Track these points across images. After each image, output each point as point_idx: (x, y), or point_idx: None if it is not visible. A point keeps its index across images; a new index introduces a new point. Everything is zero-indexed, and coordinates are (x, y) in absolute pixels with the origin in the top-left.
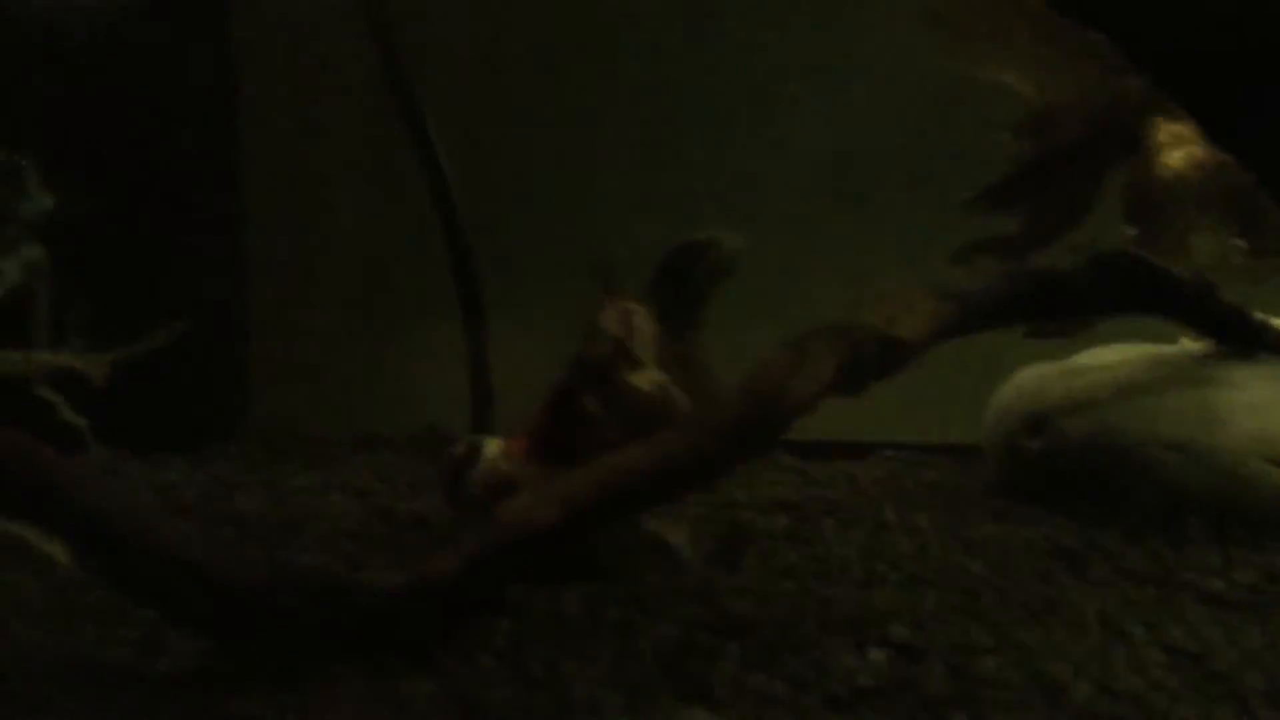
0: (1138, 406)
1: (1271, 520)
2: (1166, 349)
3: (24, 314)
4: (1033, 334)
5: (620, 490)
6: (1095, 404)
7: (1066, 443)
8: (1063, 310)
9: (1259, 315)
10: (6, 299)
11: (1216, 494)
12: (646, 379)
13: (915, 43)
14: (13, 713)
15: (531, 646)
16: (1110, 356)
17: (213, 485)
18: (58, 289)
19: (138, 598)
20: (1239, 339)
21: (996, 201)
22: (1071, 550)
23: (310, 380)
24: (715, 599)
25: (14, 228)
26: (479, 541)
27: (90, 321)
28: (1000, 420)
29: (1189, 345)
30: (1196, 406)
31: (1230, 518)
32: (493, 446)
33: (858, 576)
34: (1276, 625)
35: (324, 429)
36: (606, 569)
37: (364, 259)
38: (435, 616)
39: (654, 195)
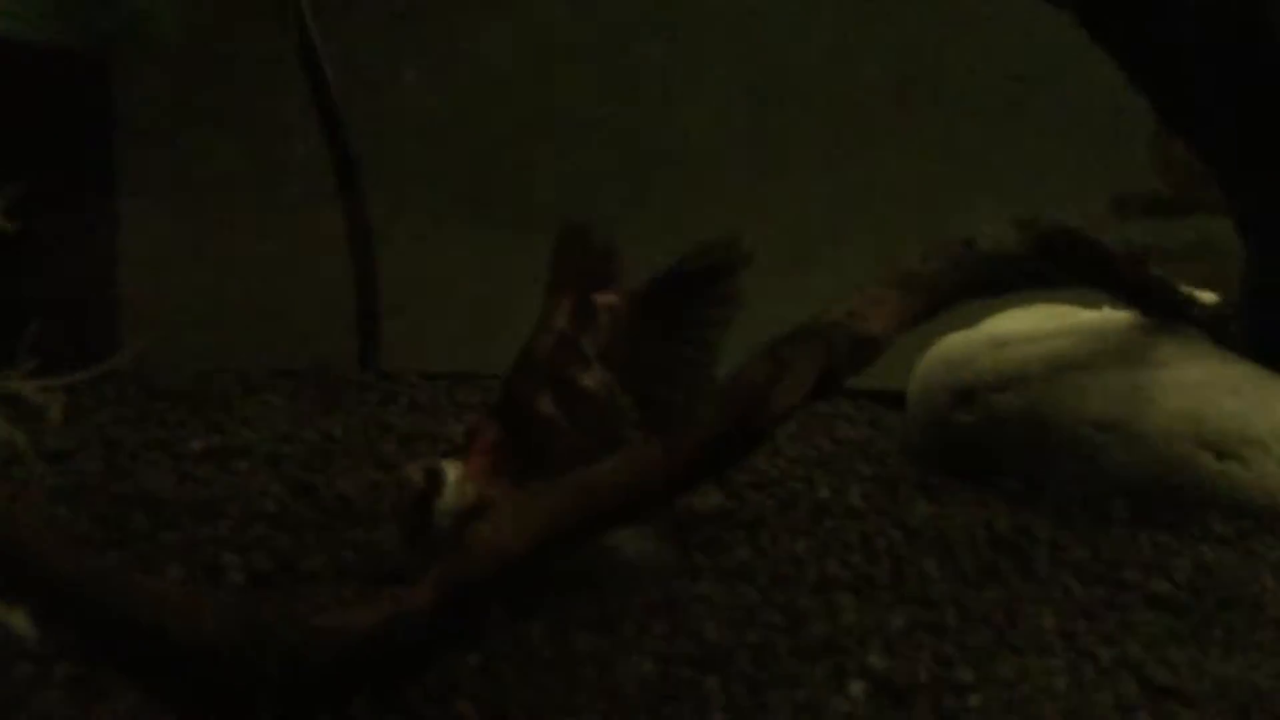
0: (1068, 383)
1: (1195, 503)
2: (1086, 314)
3: None
4: None
5: (594, 510)
6: (1025, 379)
7: (996, 418)
8: (1010, 286)
9: (1185, 288)
10: None
11: (1144, 476)
12: (592, 377)
13: None
14: None
15: (507, 688)
16: (1030, 321)
17: (109, 451)
18: None
19: (103, 660)
20: (1165, 310)
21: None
22: (1009, 540)
23: (184, 314)
24: (683, 619)
25: None
26: (450, 572)
27: None
28: (927, 390)
29: (1110, 311)
30: (1127, 385)
31: (1156, 500)
32: (453, 470)
33: (813, 579)
34: (1224, 636)
35: (198, 365)
36: (563, 584)
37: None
38: (408, 654)
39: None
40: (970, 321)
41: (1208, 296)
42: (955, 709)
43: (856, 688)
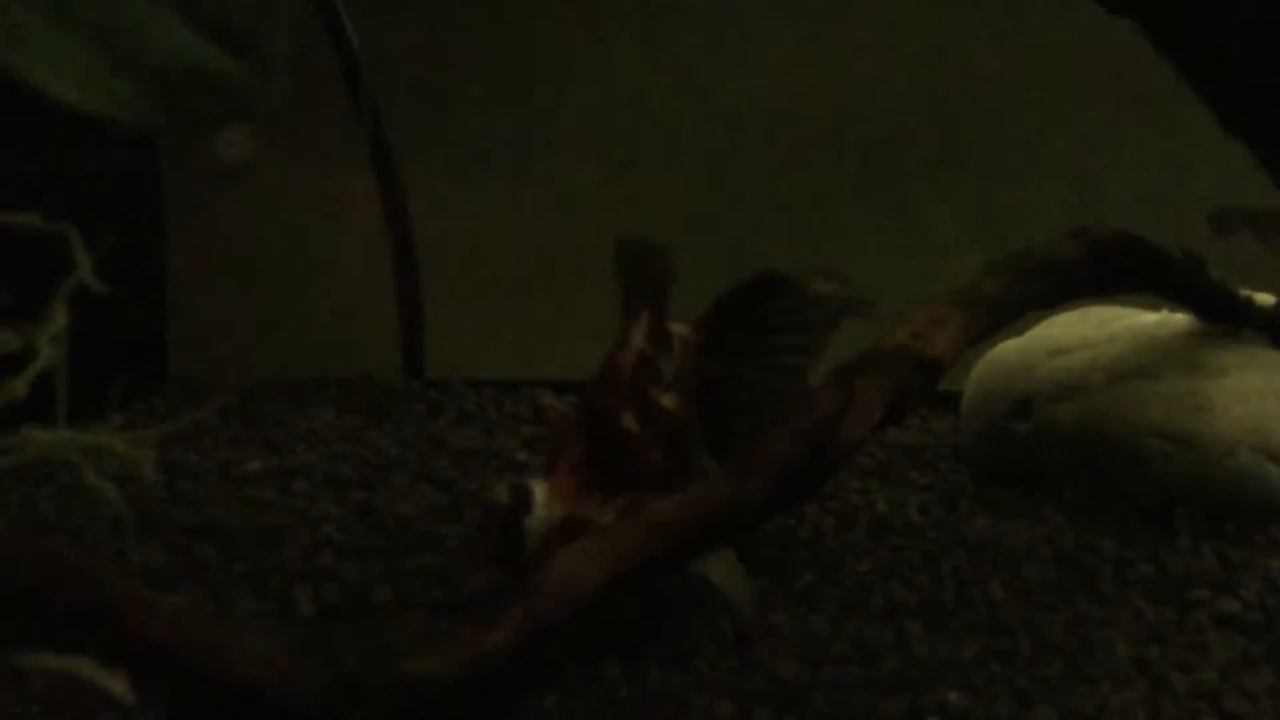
0: (1127, 392)
1: (1259, 513)
2: (1144, 316)
3: None
4: None
5: (667, 547)
6: (1083, 388)
7: (1055, 428)
8: (1069, 295)
9: (1245, 293)
10: None
11: (1206, 487)
12: (670, 399)
13: None
14: None
15: None
16: (1084, 327)
17: (169, 476)
18: None
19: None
20: (1225, 317)
21: None
22: (1073, 557)
23: (232, 327)
24: (756, 654)
25: None
26: (528, 612)
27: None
28: (983, 399)
29: (1170, 315)
30: (1187, 393)
31: (1219, 512)
32: (540, 489)
33: (880, 605)
34: None
35: (245, 379)
36: (644, 612)
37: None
38: (489, 699)
39: None
40: (1021, 326)
41: (1267, 299)
42: None
43: None
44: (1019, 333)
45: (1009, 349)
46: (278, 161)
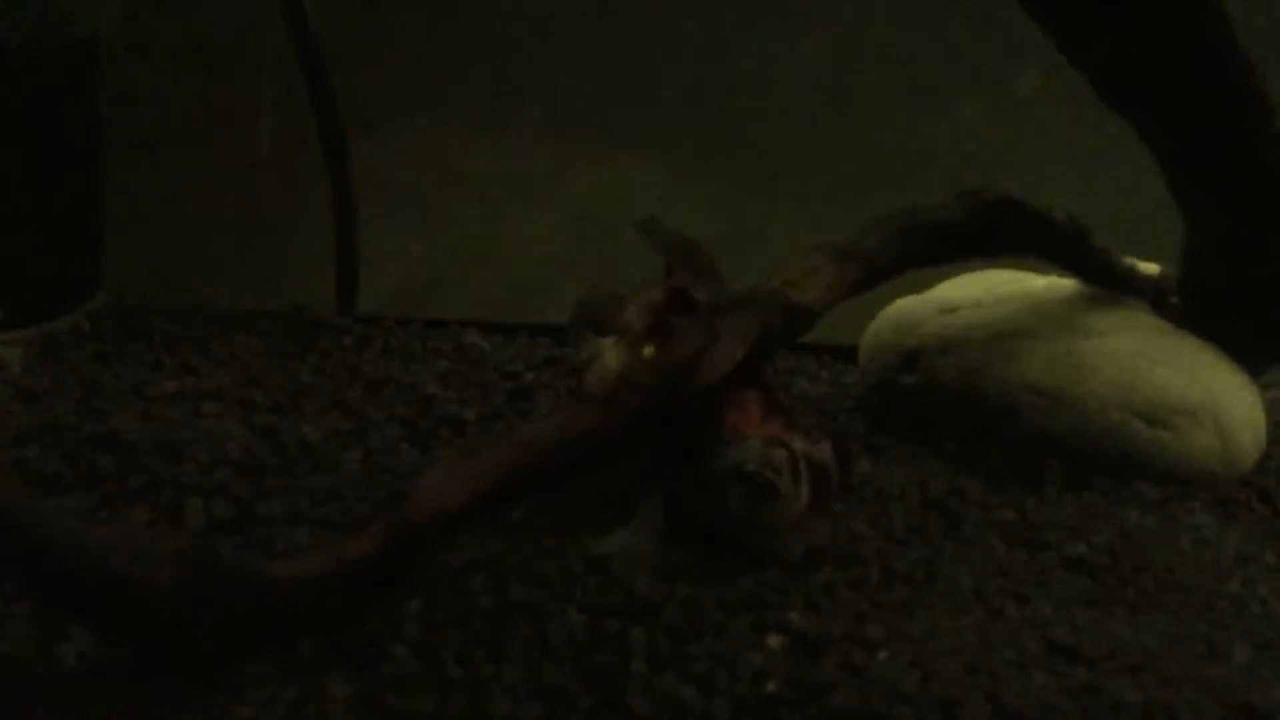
0: (1007, 349)
1: (1124, 468)
2: (1035, 280)
3: None
4: None
5: (533, 468)
6: (967, 344)
7: (938, 381)
8: (952, 256)
9: (1128, 260)
10: None
11: (1077, 441)
12: None
13: None
14: None
15: (443, 635)
16: (978, 288)
17: (84, 392)
18: None
19: (59, 608)
20: (1107, 281)
21: None
22: (941, 501)
23: (169, 252)
24: (617, 574)
25: None
26: (393, 524)
27: None
28: (876, 352)
29: (1057, 280)
30: (1064, 353)
31: (1089, 465)
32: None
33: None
34: (1133, 599)
35: (179, 303)
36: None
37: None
38: (352, 602)
39: None
40: (924, 286)
41: (1150, 268)
42: (862, 663)
43: (774, 641)
44: (919, 292)
45: (902, 306)
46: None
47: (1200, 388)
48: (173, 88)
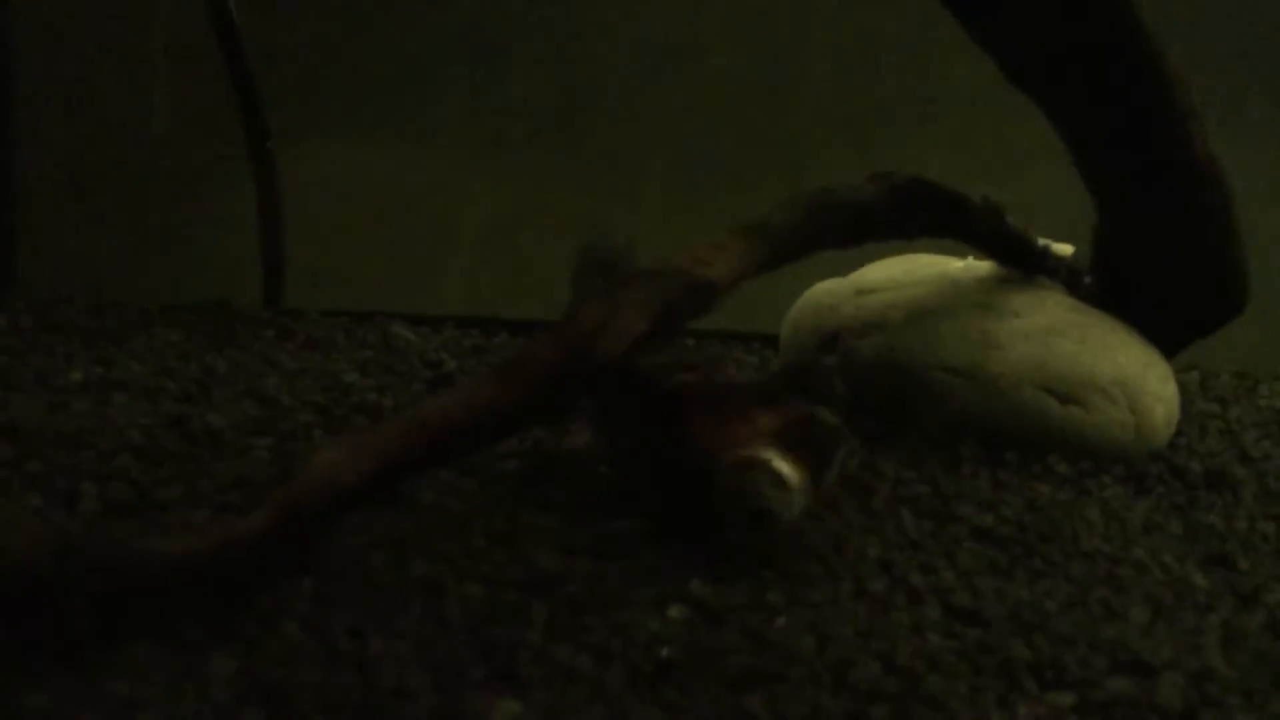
0: (924, 330)
1: (1038, 444)
2: (952, 263)
3: None
4: None
5: (428, 444)
6: (884, 325)
7: (857, 361)
8: (866, 235)
9: (1043, 242)
10: None
11: (993, 418)
12: None
13: None
14: None
15: (336, 610)
16: (896, 270)
17: None
18: None
19: None
20: (1023, 263)
21: None
22: (855, 477)
23: (88, 247)
24: (520, 548)
25: None
26: (283, 500)
27: None
28: (796, 334)
29: (974, 262)
30: (977, 332)
31: (1004, 442)
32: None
33: (657, 509)
34: (1038, 566)
35: (101, 300)
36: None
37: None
38: (237, 580)
39: None
40: (844, 270)
41: (1064, 249)
42: (760, 628)
43: (675, 611)
44: (843, 275)
45: (822, 289)
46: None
47: (1112, 365)
48: (91, 83)
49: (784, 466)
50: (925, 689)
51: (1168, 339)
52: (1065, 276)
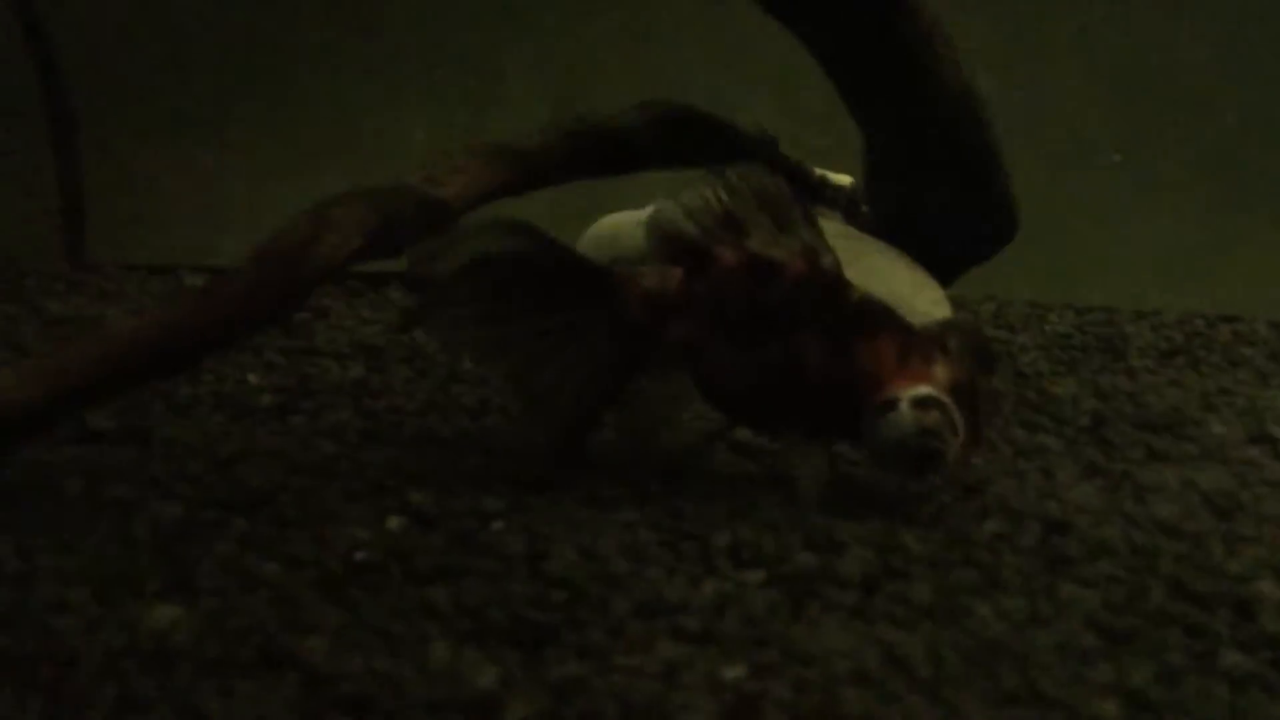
0: None
1: None
2: None
3: None
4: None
5: (119, 365)
6: None
7: None
8: (625, 166)
9: (820, 172)
10: None
11: None
12: None
13: None
14: None
15: (8, 533)
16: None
17: None
18: None
19: None
20: (800, 192)
21: None
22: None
23: None
24: (239, 471)
25: None
26: None
27: None
28: None
29: None
30: None
31: None
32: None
33: (408, 435)
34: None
35: None
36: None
37: None
38: None
39: None
40: (637, 204)
41: (843, 179)
42: (473, 532)
43: (393, 522)
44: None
45: (607, 222)
46: None
47: (883, 287)
48: None
49: (959, 419)
50: (613, 570)
51: (943, 267)
52: (844, 206)
